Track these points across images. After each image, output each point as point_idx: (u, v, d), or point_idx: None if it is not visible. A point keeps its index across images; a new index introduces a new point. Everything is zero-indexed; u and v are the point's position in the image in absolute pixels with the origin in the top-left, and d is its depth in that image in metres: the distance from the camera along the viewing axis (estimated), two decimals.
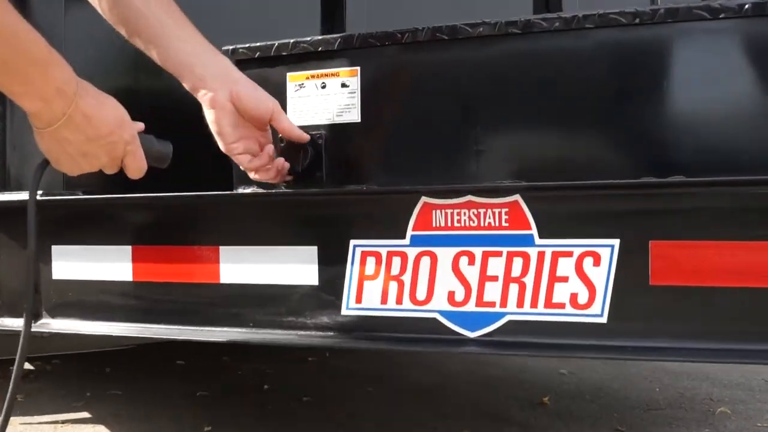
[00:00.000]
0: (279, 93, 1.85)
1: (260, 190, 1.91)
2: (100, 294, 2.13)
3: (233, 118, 1.69)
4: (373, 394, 3.64)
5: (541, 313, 1.73)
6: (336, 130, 1.86)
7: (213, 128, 1.70)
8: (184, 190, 1.99)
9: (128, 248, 2.11)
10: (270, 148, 1.74)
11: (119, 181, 1.77)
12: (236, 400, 3.48)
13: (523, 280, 1.75)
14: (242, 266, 1.95)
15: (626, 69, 1.68)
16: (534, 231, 1.75)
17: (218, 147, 1.75)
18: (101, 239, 2.12)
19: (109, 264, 2.11)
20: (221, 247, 2.00)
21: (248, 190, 1.94)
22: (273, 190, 1.91)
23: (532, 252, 1.73)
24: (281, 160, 1.77)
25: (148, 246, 2.10)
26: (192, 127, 1.77)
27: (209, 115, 1.68)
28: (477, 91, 1.76)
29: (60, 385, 3.70)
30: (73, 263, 2.16)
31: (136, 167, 1.55)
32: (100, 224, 2.16)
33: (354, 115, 1.85)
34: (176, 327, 2.05)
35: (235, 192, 1.96)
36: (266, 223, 1.98)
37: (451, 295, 1.80)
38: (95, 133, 1.42)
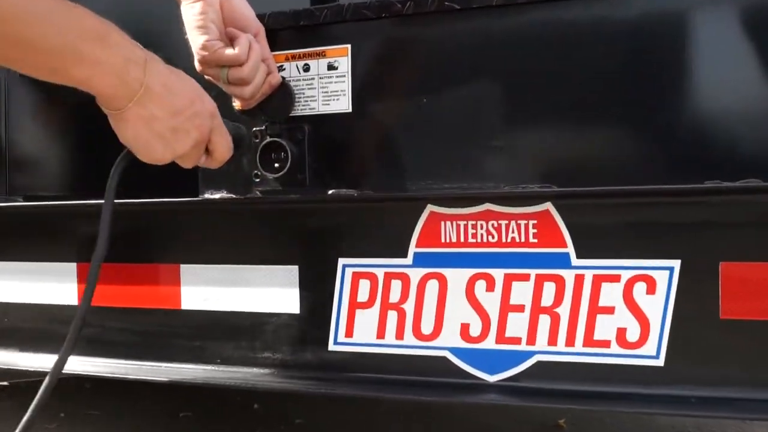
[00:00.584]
0: None
1: (230, 196, 1.67)
2: (40, 320, 1.96)
3: (217, 17, 1.55)
4: (371, 417, 3.37)
5: (579, 353, 1.51)
6: (322, 122, 1.63)
7: (197, 22, 1.54)
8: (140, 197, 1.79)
9: (73, 266, 1.93)
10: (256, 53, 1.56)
11: (68, 184, 1.74)
12: (223, 422, 3.28)
13: (557, 310, 1.52)
14: (207, 290, 1.77)
15: (692, 47, 1.43)
16: (570, 249, 1.52)
17: None
18: (42, 255, 1.96)
19: (52, 285, 1.95)
20: (182, 266, 1.81)
21: (215, 196, 1.70)
22: (245, 196, 1.67)
23: (568, 275, 1.51)
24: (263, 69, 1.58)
25: (113, 264, 1.79)
26: None
27: (195, 8, 1.53)
28: (497, 72, 1.52)
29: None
30: (9, 283, 2.00)
31: (226, 146, 1.46)
32: (40, 237, 2.00)
33: (344, 104, 1.62)
34: (128, 363, 1.87)
35: (199, 198, 1.72)
36: (236, 236, 1.78)
37: (464, 329, 1.58)
38: (179, 102, 1.35)
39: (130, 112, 1.33)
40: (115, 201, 1.54)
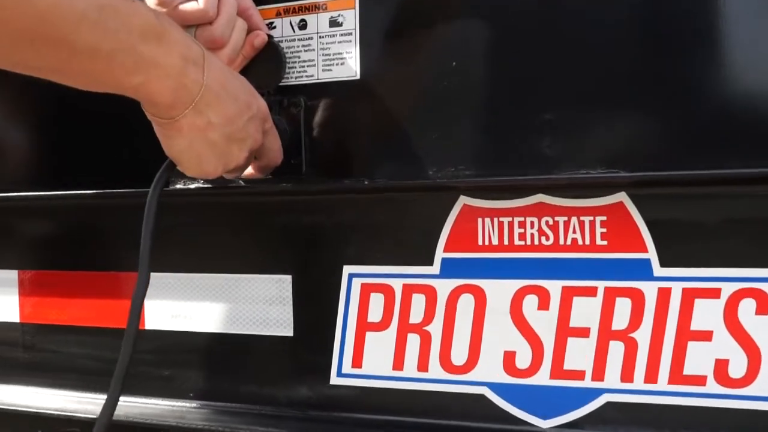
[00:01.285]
0: None
1: (205, 186, 1.57)
2: None
3: None
4: None
5: (664, 393, 1.33)
6: (322, 92, 1.53)
7: None
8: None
9: (13, 274, 1.83)
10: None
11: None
12: None
13: (633, 336, 1.34)
14: (176, 305, 1.66)
15: None
16: (652, 254, 1.34)
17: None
18: None
19: None
20: None
21: (189, 186, 1.60)
22: (224, 186, 1.57)
23: (649, 289, 1.34)
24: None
25: (41, 271, 1.81)
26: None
27: None
28: (546, 24, 1.38)
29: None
30: None
31: (277, 151, 1.47)
32: None
33: (350, 69, 1.51)
34: (76, 395, 1.75)
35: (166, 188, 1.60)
36: (213, 237, 1.65)
37: (508, 359, 1.43)
38: (236, 106, 1.33)
39: (185, 120, 1.29)
40: (54, 193, 1.53)
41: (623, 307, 1.35)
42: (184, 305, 1.66)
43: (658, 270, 1.33)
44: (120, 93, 1.22)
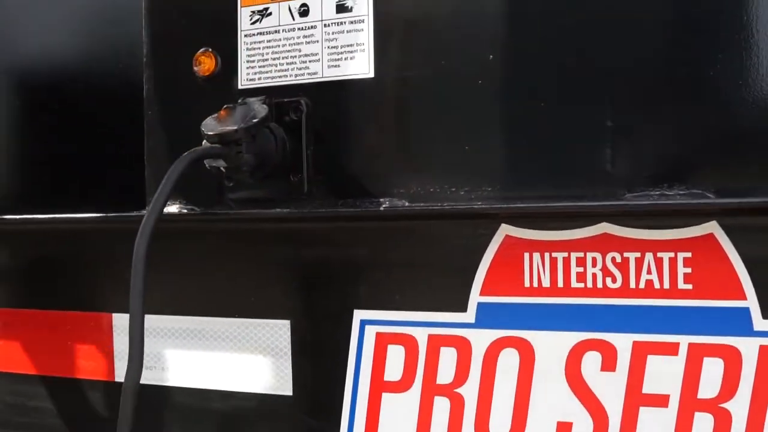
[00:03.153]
0: (226, 26, 1.50)
1: (190, 208, 1.48)
2: None
3: None
4: None
5: None
6: (328, 94, 1.41)
7: None
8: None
9: None
10: None
11: None
12: None
13: (726, 406, 1.16)
14: (150, 354, 1.53)
15: None
16: (752, 302, 1.16)
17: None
18: None
19: None
20: (115, 316, 1.59)
21: (171, 208, 1.50)
22: (212, 211, 1.46)
23: (748, 347, 1.16)
24: None
25: (4, 310, 1.72)
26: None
27: None
28: (608, 14, 1.24)
29: None
30: None
31: None
32: None
33: (362, 65, 1.38)
34: None
35: (140, 213, 1.50)
36: (199, 272, 1.53)
37: (562, 431, 1.26)
38: None
39: None
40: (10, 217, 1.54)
41: (713, 369, 1.18)
42: (158, 355, 1.55)
43: (759, 323, 1.16)
44: None
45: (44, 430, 1.69)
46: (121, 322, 1.59)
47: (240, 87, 1.48)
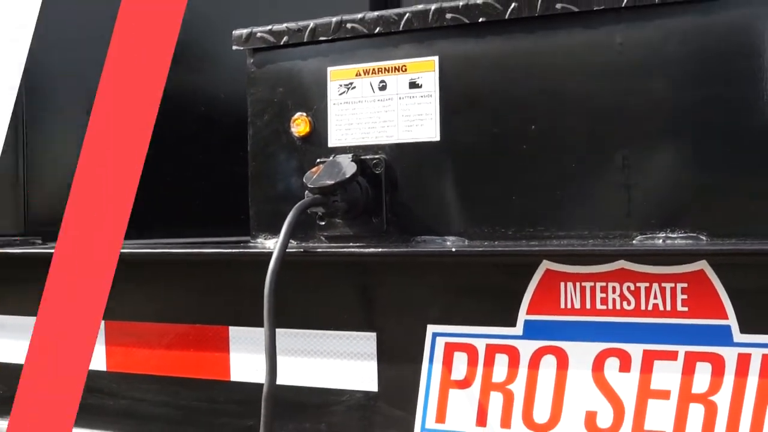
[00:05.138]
0: (317, 96, 1.61)
1: (289, 243, 1.52)
2: None
3: None
4: None
5: None
6: (403, 153, 1.56)
7: None
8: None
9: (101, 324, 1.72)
10: None
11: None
12: None
13: (713, 399, 1.33)
14: (262, 358, 1.52)
15: None
16: (732, 320, 1.33)
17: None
18: None
19: None
20: (231, 329, 1.67)
21: (269, 242, 1.62)
22: (307, 244, 1.59)
23: (729, 355, 1.33)
24: None
25: (126, 322, 1.77)
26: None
27: None
28: (628, 86, 1.41)
29: None
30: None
31: None
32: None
33: (430, 130, 1.53)
34: None
35: (250, 248, 1.64)
36: (298, 293, 1.61)
37: (590, 419, 1.40)
38: None
39: None
40: (153, 252, 1.63)
41: (703, 371, 1.33)
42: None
43: (738, 336, 1.32)
44: None
45: (167, 423, 1.74)
46: (236, 332, 1.67)
47: (329, 145, 1.60)
